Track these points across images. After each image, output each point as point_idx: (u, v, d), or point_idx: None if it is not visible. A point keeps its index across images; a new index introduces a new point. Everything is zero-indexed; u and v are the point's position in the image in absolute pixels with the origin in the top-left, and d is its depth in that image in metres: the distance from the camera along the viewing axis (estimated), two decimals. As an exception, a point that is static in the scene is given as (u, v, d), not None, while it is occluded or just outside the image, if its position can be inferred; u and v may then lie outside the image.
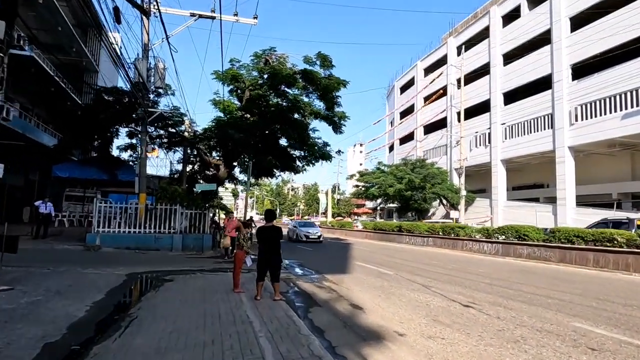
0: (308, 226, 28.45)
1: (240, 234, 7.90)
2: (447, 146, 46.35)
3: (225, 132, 15.59)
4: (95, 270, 10.09)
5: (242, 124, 15.93)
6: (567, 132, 31.56)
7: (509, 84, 37.91)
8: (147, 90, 17.37)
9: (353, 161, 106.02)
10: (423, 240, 23.62)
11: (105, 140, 19.43)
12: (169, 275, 9.84)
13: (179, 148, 23.78)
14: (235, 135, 15.43)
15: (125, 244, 15.46)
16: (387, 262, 15.27)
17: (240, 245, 7.76)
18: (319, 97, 18.23)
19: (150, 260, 13.16)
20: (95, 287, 7.75)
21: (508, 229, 17.96)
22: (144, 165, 17.37)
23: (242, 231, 7.89)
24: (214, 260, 13.79)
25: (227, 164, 18.98)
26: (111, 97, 19.40)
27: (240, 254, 7.75)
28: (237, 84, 18.51)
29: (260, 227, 7.20)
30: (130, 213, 16.38)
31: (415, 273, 12.12)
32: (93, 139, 18.92)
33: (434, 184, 38.73)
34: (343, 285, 9.67)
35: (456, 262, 15.89)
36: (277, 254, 7.05)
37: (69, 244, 14.94)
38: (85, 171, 19.02)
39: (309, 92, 17.01)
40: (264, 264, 7.03)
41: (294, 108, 17.63)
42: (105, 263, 11.68)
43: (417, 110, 52.63)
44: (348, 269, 12.87)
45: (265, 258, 7.01)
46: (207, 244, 16.54)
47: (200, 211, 16.74)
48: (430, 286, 9.64)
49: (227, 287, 8.14)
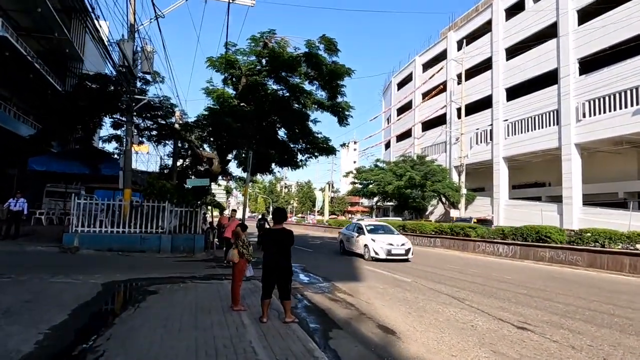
0: (383, 232, 16.55)
1: (239, 239, 6.42)
2: (446, 143, 45.09)
3: (220, 121, 13.99)
4: (66, 278, 8.52)
5: (239, 112, 14.37)
6: (573, 129, 30.38)
7: (512, 79, 36.67)
8: (133, 75, 15.77)
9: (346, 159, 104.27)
10: (430, 241, 22.26)
11: (87, 131, 17.74)
12: (153, 284, 8.31)
13: (169, 141, 22.15)
14: (232, 124, 13.86)
15: (108, 245, 13.87)
16: (399, 266, 13.86)
17: (241, 254, 6.28)
18: (322, 86, 16.73)
19: (135, 264, 11.60)
20: (59, 304, 6.22)
21: (527, 229, 16.61)
22: (130, 157, 15.76)
23: (241, 236, 6.41)
24: (206, 265, 12.27)
25: (221, 157, 17.39)
26: (95, 85, 17.73)
27: (241, 264, 6.28)
28: (232, 70, 16.92)
29: (268, 229, 5.75)
30: (114, 211, 14.79)
31: (435, 280, 10.71)
32: (73, 129, 17.23)
33: (434, 181, 37.47)
34: (360, 297, 8.22)
35: (474, 265, 14.53)
36: (287, 264, 5.58)
37: (43, 245, 13.31)
38: (64, 164, 17.36)
39: (311, 79, 15.42)
40: (271, 276, 5.55)
41: (295, 96, 16.13)
42: (81, 268, 10.11)
43: (416, 107, 51.33)
44: (359, 275, 11.42)
45: (272, 269, 5.53)
46: (199, 245, 15.00)
47: (192, 209, 15.18)
48: (462, 299, 8.22)
49: (223, 303, 6.65)
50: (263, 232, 5.65)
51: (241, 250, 6.29)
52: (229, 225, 12.18)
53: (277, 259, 5.51)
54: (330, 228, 39.21)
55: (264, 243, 5.62)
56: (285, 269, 5.55)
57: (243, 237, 6.39)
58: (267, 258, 5.57)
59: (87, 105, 16.76)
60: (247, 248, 6.32)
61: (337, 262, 14.91)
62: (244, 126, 14.40)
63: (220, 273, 10.47)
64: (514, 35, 36.19)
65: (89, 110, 16.89)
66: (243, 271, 6.35)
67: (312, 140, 16.84)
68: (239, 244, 6.37)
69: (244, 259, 6.29)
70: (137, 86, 17.50)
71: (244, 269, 6.36)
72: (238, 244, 6.40)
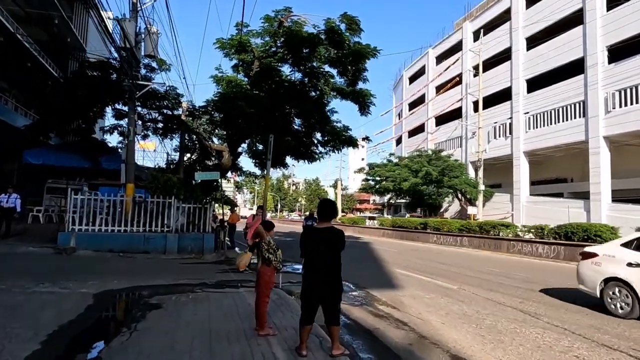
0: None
1: (263, 241, 4.94)
2: (461, 138, 43.37)
3: (232, 105, 12.46)
4: (53, 286, 7.12)
5: (252, 97, 12.87)
6: (602, 121, 28.59)
7: (533, 70, 34.87)
8: (136, 59, 14.35)
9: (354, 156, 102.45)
10: (455, 240, 20.67)
11: (87, 122, 16.36)
12: (157, 294, 6.88)
13: (175, 134, 20.76)
14: (246, 108, 12.35)
15: (108, 245, 12.46)
16: (433, 268, 12.36)
17: (267, 260, 4.81)
18: (341, 72, 15.20)
19: (136, 268, 10.19)
20: (33, 325, 4.79)
21: (571, 228, 14.97)
22: (132, 149, 14.37)
23: (265, 236, 4.93)
24: (217, 268, 10.83)
25: (231, 149, 15.92)
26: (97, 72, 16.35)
27: (268, 274, 4.81)
28: (243, 55, 15.45)
29: (310, 228, 4.24)
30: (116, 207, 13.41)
31: (485, 287, 9.20)
32: (72, 119, 15.86)
33: (451, 177, 35.83)
34: (408, 310, 6.72)
35: (517, 268, 12.95)
36: (336, 277, 4.08)
37: (36, 245, 11.93)
38: (62, 157, 16.01)
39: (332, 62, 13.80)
40: (314, 294, 4.06)
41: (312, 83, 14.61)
42: (74, 273, 8.71)
43: (429, 101, 49.60)
44: (393, 280, 9.92)
45: (317, 284, 4.03)
46: (208, 246, 13.55)
47: (201, 205, 13.74)
48: (534, 313, 6.70)
49: (245, 324, 5.20)
50: (304, 232, 4.10)
51: (267, 256, 4.83)
52: (252, 225, 10.49)
53: (324, 269, 4.03)
54: (342, 225, 37.60)
55: (305, 247, 4.13)
56: (334, 284, 4.06)
57: (268, 238, 4.91)
58: (310, 268, 4.09)
59: (87, 94, 15.40)
60: (274, 252, 4.85)
61: (362, 264, 13.40)
62: (259, 112, 12.90)
63: (235, 279, 9.02)
64: (536, 24, 34.38)
65: (89, 98, 15.52)
66: (271, 284, 4.87)
67: (332, 131, 15.28)
68: (263, 247, 4.91)
69: (270, 267, 4.83)
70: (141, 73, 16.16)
71: (272, 280, 4.88)
72: (262, 247, 4.94)
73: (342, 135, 15.08)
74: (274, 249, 4.85)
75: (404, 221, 28.16)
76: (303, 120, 15.37)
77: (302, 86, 14.51)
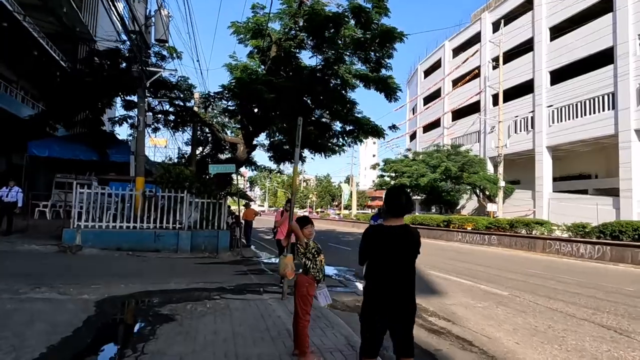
0: None
1: (299, 242, 3.90)
2: (480, 132, 41.94)
3: (250, 90, 11.38)
4: (50, 292, 6.18)
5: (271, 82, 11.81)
6: (633, 113, 27.06)
7: (557, 61, 33.27)
8: (145, 43, 13.42)
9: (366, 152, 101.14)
10: (483, 239, 19.44)
11: (95, 112, 15.48)
12: (169, 302, 5.89)
13: (187, 127, 19.84)
14: (265, 93, 11.29)
15: (116, 243, 11.56)
16: (470, 270, 11.25)
17: (305, 267, 3.78)
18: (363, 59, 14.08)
19: (146, 268, 9.26)
20: (17, 345, 3.82)
21: (619, 226, 13.72)
22: (142, 140, 13.43)
23: (302, 237, 3.88)
24: (235, 269, 9.84)
25: (247, 141, 14.89)
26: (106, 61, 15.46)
27: (305, 285, 3.77)
28: (259, 41, 14.42)
29: (377, 228, 3.14)
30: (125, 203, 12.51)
31: (540, 293, 8.06)
32: (80, 109, 14.99)
33: (471, 173, 34.51)
34: (467, 324, 5.65)
35: (562, 271, 11.72)
36: (412, 292, 3.01)
37: (40, 242, 11.06)
38: (69, 149, 15.18)
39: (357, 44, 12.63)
40: (379, 317, 2.98)
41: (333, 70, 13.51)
42: (77, 276, 7.80)
43: (445, 95, 48.15)
44: (433, 285, 8.82)
45: (384, 305, 2.95)
46: (223, 244, 12.58)
47: (215, 200, 12.76)
48: (619, 328, 5.58)
49: (277, 343, 4.18)
50: (369, 233, 3.00)
51: (304, 262, 3.80)
52: (283, 222, 8.98)
53: (397, 282, 2.97)
54: (358, 223, 36.49)
55: (367, 253, 3.07)
56: (409, 303, 3.00)
57: (305, 239, 3.87)
58: (377, 280, 3.03)
59: (95, 82, 14.51)
60: (313, 258, 3.81)
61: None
62: (279, 97, 11.83)
63: (256, 282, 8.03)
64: (560, 13, 32.87)
65: (98, 88, 14.62)
66: (309, 298, 3.81)
67: (356, 120, 14.13)
68: (299, 251, 3.87)
69: (309, 277, 3.78)
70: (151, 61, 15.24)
71: (310, 293, 3.82)
72: (298, 251, 3.90)
73: (367, 125, 13.95)
74: (313, 254, 3.81)
75: (425, 218, 26.95)
76: (324, 109, 14.25)
77: (323, 72, 13.40)
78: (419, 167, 35.10)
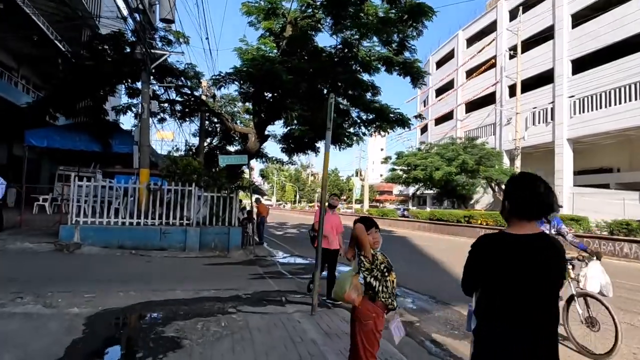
0: None
1: (363, 252, 2.76)
2: (495, 125, 40.56)
3: (267, 71, 10.20)
4: (34, 303, 5.15)
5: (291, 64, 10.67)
6: (665, 103, 25.64)
7: (579, 49, 31.73)
8: (150, 24, 12.34)
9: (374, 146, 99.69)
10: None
11: (97, 100, 14.46)
12: (174, 320, 4.83)
13: (195, 117, 18.77)
14: (284, 74, 10.13)
15: (118, 240, 10.57)
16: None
17: (370, 289, 2.68)
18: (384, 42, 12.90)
19: (150, 270, 8.23)
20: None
21: None
22: (147, 129, 12.39)
23: (368, 246, 2.76)
24: (249, 271, 8.78)
25: (258, 130, 13.79)
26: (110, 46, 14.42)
27: (372, 314, 2.66)
28: (272, 21, 13.29)
29: (498, 237, 1.95)
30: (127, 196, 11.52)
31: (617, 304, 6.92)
32: (81, 96, 13.98)
33: (487, 166, 33.23)
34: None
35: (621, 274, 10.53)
36: (554, 338, 1.89)
37: (35, 240, 10.08)
38: (69, 140, 14.17)
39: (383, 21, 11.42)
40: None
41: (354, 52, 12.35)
42: (70, 279, 6.79)
43: (458, 86, 46.71)
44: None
45: (511, 351, 1.85)
46: (234, 242, 11.52)
47: (226, 194, 11.71)
48: None
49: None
50: (479, 243, 1.86)
51: (370, 283, 2.71)
52: (329, 222, 6.50)
53: (531, 323, 1.84)
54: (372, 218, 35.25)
55: (478, 277, 1.94)
56: (550, 354, 1.89)
57: (371, 249, 2.78)
58: (498, 319, 1.89)
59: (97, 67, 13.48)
60: (382, 277, 2.71)
61: (417, 265, 11.21)
62: (297, 80, 10.69)
63: (275, 289, 6.95)
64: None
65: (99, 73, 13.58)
66: (377, 335, 2.70)
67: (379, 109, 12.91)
68: (363, 265, 2.76)
69: (377, 304, 2.69)
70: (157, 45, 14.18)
71: (379, 327, 2.70)
72: (361, 266, 2.80)
73: (391, 114, 12.77)
74: (382, 271, 2.71)
75: (444, 214, 25.72)
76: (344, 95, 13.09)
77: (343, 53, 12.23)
78: (433, 159, 33.87)
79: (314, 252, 4.86)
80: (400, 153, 38.69)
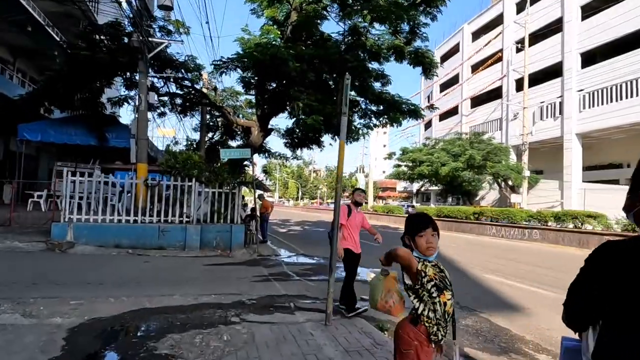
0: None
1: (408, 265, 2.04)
2: (502, 120, 39.82)
3: (272, 56, 9.51)
4: (12, 312, 4.55)
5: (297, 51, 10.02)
6: (679, 97, 24.87)
7: (589, 42, 30.95)
8: (147, 10, 11.70)
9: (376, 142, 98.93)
10: (522, 233, 17.55)
11: (93, 92, 13.86)
12: (170, 332, 4.22)
13: (196, 111, 18.15)
14: (291, 61, 9.46)
15: (114, 239, 9.97)
16: (530, 273, 9.48)
17: (415, 312, 2.04)
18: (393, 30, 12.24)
19: (146, 272, 7.62)
20: None
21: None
22: (144, 121, 11.78)
23: (412, 259, 2.04)
24: (253, 272, 8.17)
25: (262, 123, 13.16)
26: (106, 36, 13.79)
27: (416, 341, 2.01)
28: (275, 9, 12.63)
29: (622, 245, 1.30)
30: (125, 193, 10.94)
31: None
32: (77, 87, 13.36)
33: (495, 162, 32.55)
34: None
35: None
36: None
37: (25, 239, 9.50)
38: (64, 133, 13.59)
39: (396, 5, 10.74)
40: None
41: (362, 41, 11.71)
42: (56, 284, 6.19)
43: (464, 81, 45.90)
44: (501, 295, 7.08)
45: None
46: (237, 240, 10.92)
47: (228, 190, 11.10)
48: None
49: None
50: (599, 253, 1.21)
51: (413, 303, 2.06)
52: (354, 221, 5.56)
53: None
54: (377, 215, 34.61)
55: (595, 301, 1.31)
56: None
57: (419, 265, 2.10)
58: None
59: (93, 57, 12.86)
60: (430, 298, 2.01)
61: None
62: (303, 68, 10.05)
63: (282, 293, 6.34)
64: (593, -11, 30.53)
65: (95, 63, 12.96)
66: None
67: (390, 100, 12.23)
68: (407, 282, 2.09)
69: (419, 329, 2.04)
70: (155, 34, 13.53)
71: (422, 357, 2.04)
72: (404, 282, 2.12)
73: (403, 105, 12.10)
74: (429, 291, 2.03)
75: (452, 210, 25.08)
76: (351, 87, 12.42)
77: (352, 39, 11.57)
78: (439, 155, 33.20)
79: (321, 251, 4.24)
80: (405, 149, 38.05)
